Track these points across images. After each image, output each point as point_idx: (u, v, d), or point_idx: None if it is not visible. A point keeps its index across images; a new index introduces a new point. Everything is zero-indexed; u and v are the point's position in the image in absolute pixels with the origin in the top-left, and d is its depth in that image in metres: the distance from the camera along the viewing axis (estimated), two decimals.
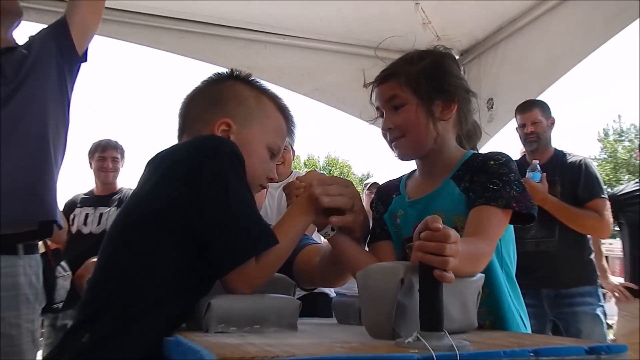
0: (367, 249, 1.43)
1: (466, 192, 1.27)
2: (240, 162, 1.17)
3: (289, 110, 1.43)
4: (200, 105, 1.37)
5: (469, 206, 1.24)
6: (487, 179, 1.23)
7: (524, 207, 1.21)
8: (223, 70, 1.44)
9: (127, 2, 3.00)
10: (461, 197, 1.28)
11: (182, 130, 1.39)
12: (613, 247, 7.41)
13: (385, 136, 1.38)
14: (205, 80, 1.42)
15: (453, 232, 0.89)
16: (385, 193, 1.47)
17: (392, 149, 1.39)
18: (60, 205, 3.35)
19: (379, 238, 1.43)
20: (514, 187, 1.22)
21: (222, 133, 1.31)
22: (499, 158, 1.26)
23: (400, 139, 1.35)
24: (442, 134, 1.34)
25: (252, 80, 1.42)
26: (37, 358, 2.01)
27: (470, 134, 1.43)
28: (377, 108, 1.39)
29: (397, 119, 1.33)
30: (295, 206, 1.29)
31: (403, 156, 1.38)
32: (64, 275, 2.95)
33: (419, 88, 1.31)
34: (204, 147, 1.18)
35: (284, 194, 1.40)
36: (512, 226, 1.29)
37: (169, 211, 1.12)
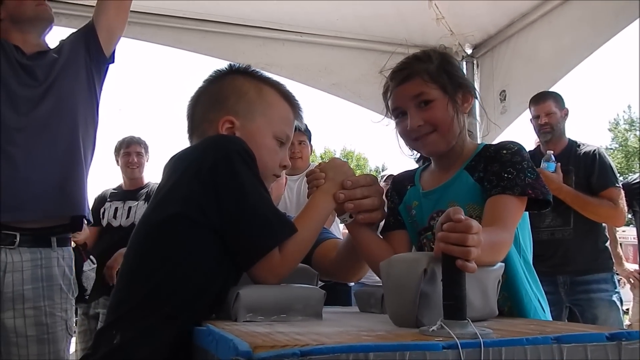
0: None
1: (480, 182, 1.28)
2: (250, 158, 1.19)
3: (292, 96, 1.41)
4: (204, 106, 1.38)
5: (485, 195, 1.25)
6: (501, 168, 1.24)
7: (540, 193, 1.22)
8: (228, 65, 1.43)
9: (150, 4, 3.08)
10: (475, 186, 1.29)
11: (191, 131, 1.40)
12: (626, 234, 7.40)
13: (409, 134, 1.36)
14: (206, 79, 1.42)
15: (475, 223, 0.90)
16: (400, 184, 1.48)
17: (417, 147, 1.39)
18: (91, 200, 3.48)
19: (392, 227, 1.44)
20: (528, 174, 1.23)
21: (226, 131, 1.31)
22: (511, 147, 1.28)
23: (430, 135, 1.33)
24: (463, 126, 1.36)
25: (252, 71, 1.40)
26: (71, 345, 2.10)
27: (469, 127, 1.43)
28: (396, 109, 1.38)
29: (427, 115, 1.32)
30: (317, 196, 1.31)
31: (433, 151, 1.38)
32: (92, 267, 3.08)
33: (444, 84, 1.32)
34: (214, 147, 1.20)
35: (302, 187, 1.42)
36: (527, 212, 1.30)
37: (189, 211, 1.14)
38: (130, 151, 3.63)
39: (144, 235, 1.21)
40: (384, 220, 1.45)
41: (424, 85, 1.33)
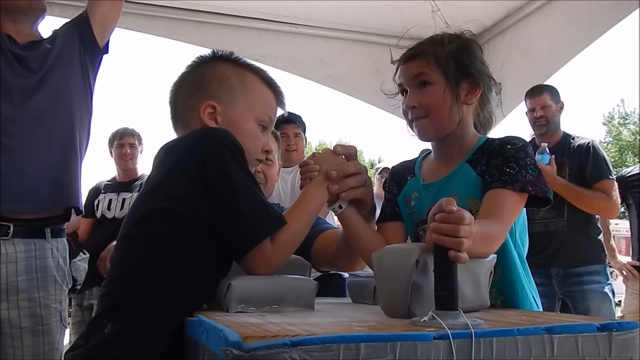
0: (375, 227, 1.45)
1: (482, 176, 1.27)
2: (239, 150, 1.19)
3: (275, 82, 1.41)
4: (186, 92, 1.37)
5: (485, 189, 1.24)
6: (503, 163, 1.24)
7: (540, 191, 1.22)
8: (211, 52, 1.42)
9: None
10: (477, 180, 1.28)
11: (175, 119, 1.39)
12: (618, 227, 7.46)
13: (406, 114, 1.36)
14: (189, 65, 1.40)
15: (467, 214, 0.90)
16: (400, 175, 1.46)
17: (411, 128, 1.37)
18: (85, 192, 3.47)
19: (388, 219, 1.44)
20: (530, 171, 1.22)
21: (208, 116, 1.31)
22: (515, 142, 1.27)
23: (422, 119, 1.33)
24: (463, 117, 1.33)
25: (235, 58, 1.39)
26: (65, 337, 2.10)
27: (484, 122, 1.42)
28: (400, 85, 1.38)
29: (423, 97, 1.32)
30: (310, 188, 1.31)
31: (423, 136, 1.37)
32: (83, 257, 3.08)
33: (448, 69, 1.30)
34: (203, 141, 1.20)
35: (297, 179, 1.42)
36: (524, 210, 1.30)
37: (179, 206, 1.15)
38: (123, 143, 3.62)
39: (134, 226, 1.21)
40: (379, 211, 1.44)
41: (427, 66, 1.32)
